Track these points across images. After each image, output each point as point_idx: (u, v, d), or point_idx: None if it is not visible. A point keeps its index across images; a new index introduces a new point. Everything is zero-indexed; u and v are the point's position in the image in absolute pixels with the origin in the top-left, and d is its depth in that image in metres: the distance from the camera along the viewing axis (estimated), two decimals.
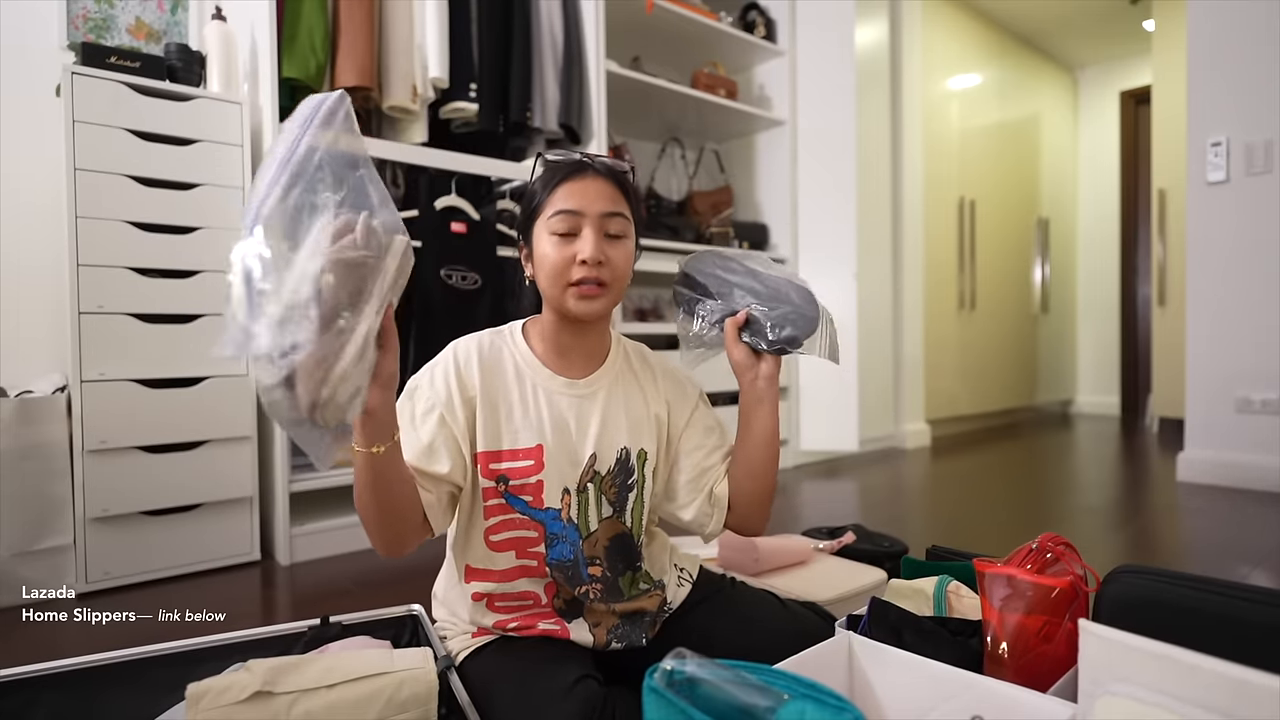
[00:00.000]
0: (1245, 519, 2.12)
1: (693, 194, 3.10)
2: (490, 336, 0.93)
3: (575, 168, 0.87)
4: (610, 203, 0.86)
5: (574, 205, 0.84)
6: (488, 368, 0.89)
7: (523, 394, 0.89)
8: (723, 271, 0.97)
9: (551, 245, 0.85)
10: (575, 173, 0.87)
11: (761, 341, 0.91)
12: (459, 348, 0.90)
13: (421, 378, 0.89)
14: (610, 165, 0.89)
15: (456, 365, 0.88)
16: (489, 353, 0.90)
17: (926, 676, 0.72)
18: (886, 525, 1.95)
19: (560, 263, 0.84)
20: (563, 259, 0.84)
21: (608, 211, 0.85)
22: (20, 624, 1.42)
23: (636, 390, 0.95)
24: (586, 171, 0.87)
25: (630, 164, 0.94)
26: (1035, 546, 0.84)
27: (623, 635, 0.91)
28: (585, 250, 0.83)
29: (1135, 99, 4.78)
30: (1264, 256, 2.45)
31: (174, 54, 1.80)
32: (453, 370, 0.87)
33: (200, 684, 0.73)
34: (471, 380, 0.87)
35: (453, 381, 0.86)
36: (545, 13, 2.26)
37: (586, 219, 0.84)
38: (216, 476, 1.74)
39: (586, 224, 0.84)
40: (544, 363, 0.91)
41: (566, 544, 0.87)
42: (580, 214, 0.84)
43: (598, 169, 0.87)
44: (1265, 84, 2.44)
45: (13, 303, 1.87)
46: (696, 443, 0.95)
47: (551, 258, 0.85)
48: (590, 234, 0.84)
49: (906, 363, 3.62)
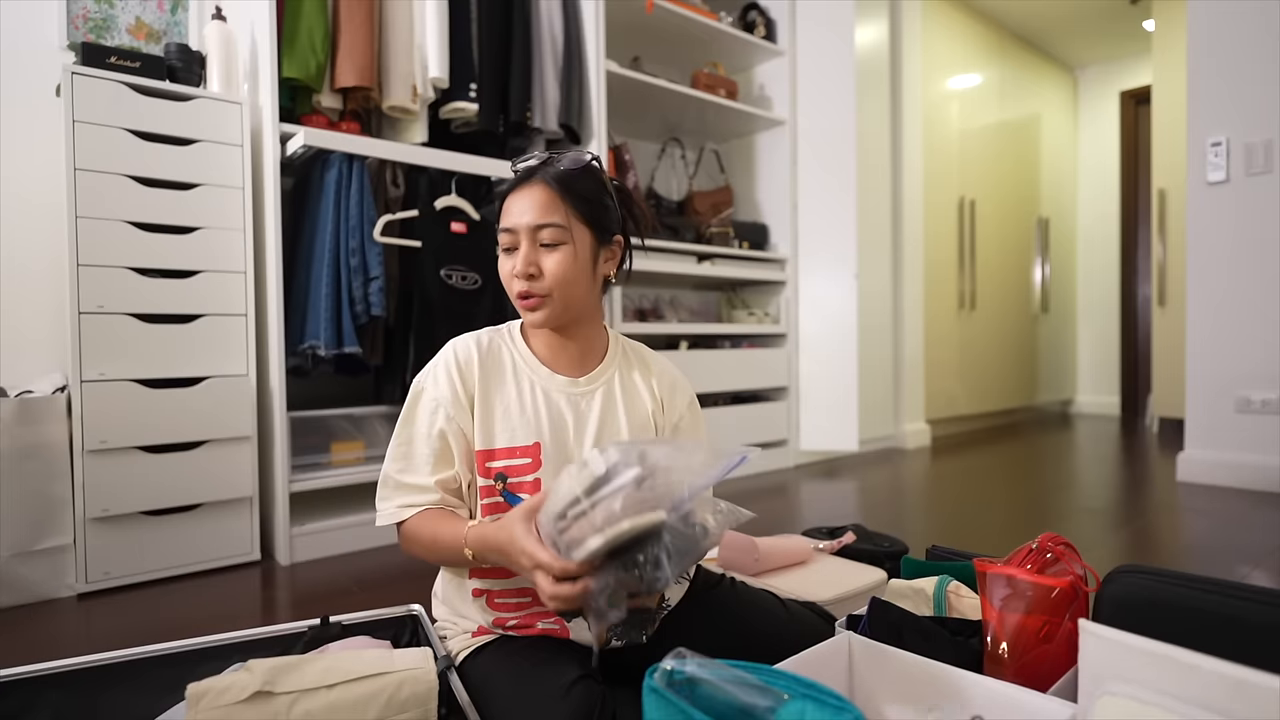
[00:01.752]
0: (1245, 519, 2.12)
1: (693, 194, 3.10)
2: (489, 335, 0.94)
3: (519, 179, 0.90)
4: (541, 213, 0.87)
5: (508, 222, 0.89)
6: (487, 366, 0.90)
7: (520, 392, 0.90)
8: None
9: (501, 259, 0.90)
10: (518, 184, 0.90)
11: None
12: (458, 345, 0.92)
13: (425, 379, 0.90)
14: (556, 167, 0.88)
15: (457, 362, 0.90)
16: (488, 351, 0.92)
17: (926, 676, 0.72)
18: (886, 525, 1.95)
19: (505, 277, 0.90)
20: (506, 274, 0.90)
21: (536, 224, 0.87)
22: (20, 624, 1.42)
23: (634, 388, 0.96)
24: (529, 181, 0.89)
25: (589, 155, 0.92)
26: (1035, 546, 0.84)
27: (623, 633, 0.91)
28: (516, 265, 0.88)
29: (1135, 99, 4.78)
30: (1264, 256, 2.45)
31: (174, 54, 1.80)
32: (454, 367, 0.89)
33: (200, 684, 0.73)
34: (472, 377, 0.89)
35: (455, 378, 0.88)
36: (545, 13, 2.26)
37: (520, 233, 0.88)
38: (216, 476, 1.74)
39: (521, 238, 0.88)
40: (542, 361, 0.93)
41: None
42: (513, 230, 0.88)
43: (543, 175, 0.88)
44: (1265, 84, 2.44)
45: (13, 303, 1.87)
46: None
47: (501, 271, 0.91)
48: (523, 247, 0.87)
49: (906, 363, 3.62)
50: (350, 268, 1.85)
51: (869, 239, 3.37)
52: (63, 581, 1.56)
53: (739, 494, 2.58)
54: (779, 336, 3.13)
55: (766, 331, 3.07)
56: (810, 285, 3.11)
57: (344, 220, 1.86)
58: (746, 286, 3.28)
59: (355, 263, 1.85)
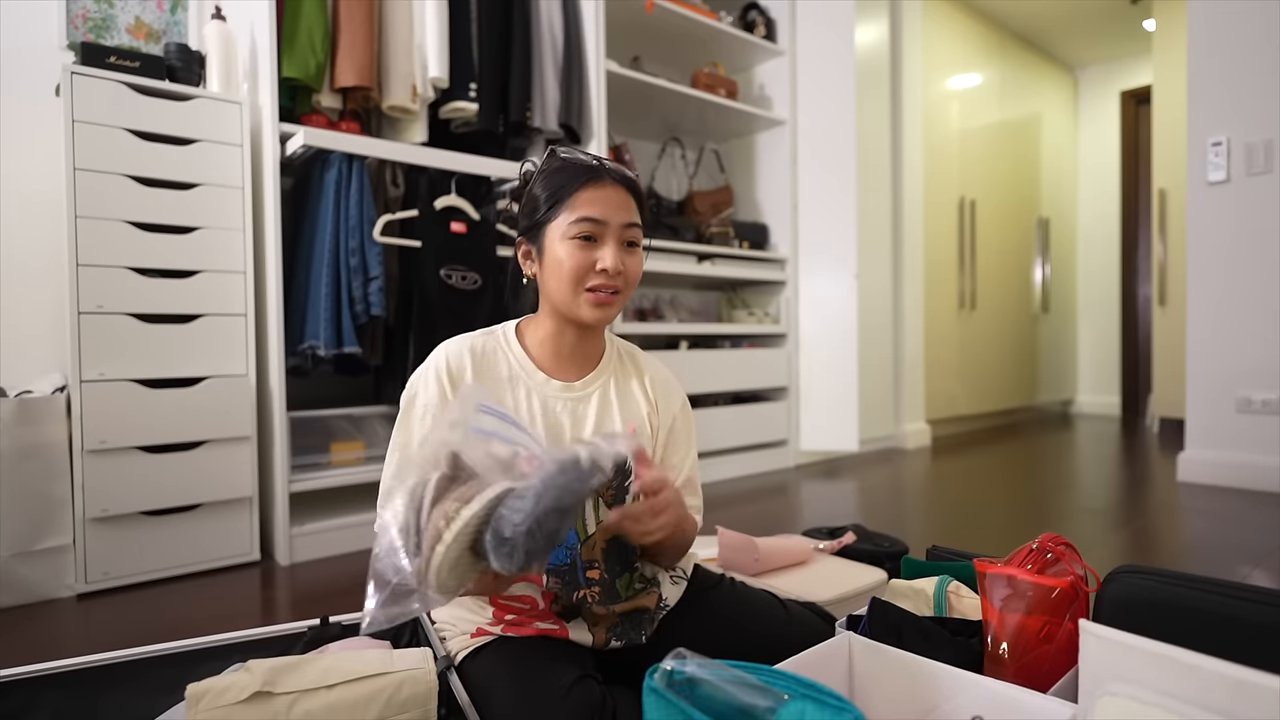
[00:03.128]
0: (1245, 519, 2.12)
1: (693, 194, 3.10)
2: (482, 338, 0.93)
3: (595, 173, 0.88)
4: (630, 213, 0.88)
5: (598, 213, 0.86)
6: (480, 371, 0.89)
7: (515, 398, 0.89)
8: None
9: (569, 249, 0.86)
10: (595, 179, 0.87)
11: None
12: (450, 349, 0.90)
13: (416, 383, 0.89)
14: (624, 174, 0.90)
15: (448, 366, 0.88)
16: (482, 355, 0.90)
17: (926, 676, 0.72)
18: (886, 525, 1.95)
19: (579, 268, 0.86)
20: (582, 265, 0.86)
21: (628, 223, 0.88)
22: (20, 624, 1.42)
23: (629, 391, 0.95)
24: (604, 178, 0.88)
25: (635, 173, 0.95)
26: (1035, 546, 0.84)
27: (622, 634, 0.90)
28: (607, 260, 0.85)
29: (1135, 99, 4.78)
30: (1264, 256, 2.45)
31: (174, 54, 1.80)
32: (445, 371, 0.87)
33: (200, 684, 0.73)
34: (464, 381, 0.87)
35: (445, 382, 0.87)
36: (545, 12, 2.26)
37: (609, 228, 0.86)
38: (216, 476, 1.74)
39: (609, 233, 0.86)
40: (538, 365, 0.91)
41: (563, 548, 0.87)
42: (604, 222, 0.86)
43: (614, 176, 0.88)
44: (1265, 84, 2.44)
45: (13, 303, 1.87)
46: (661, 458, 0.96)
47: (569, 263, 0.86)
48: (612, 243, 0.86)
49: (906, 363, 3.62)
50: (350, 267, 1.85)
51: (869, 239, 3.37)
52: (62, 582, 1.56)
53: (739, 494, 2.59)
54: (779, 336, 3.13)
55: (766, 331, 3.07)
56: (810, 285, 3.11)
57: (344, 220, 1.86)
58: (746, 286, 3.28)
59: (355, 262, 1.85)
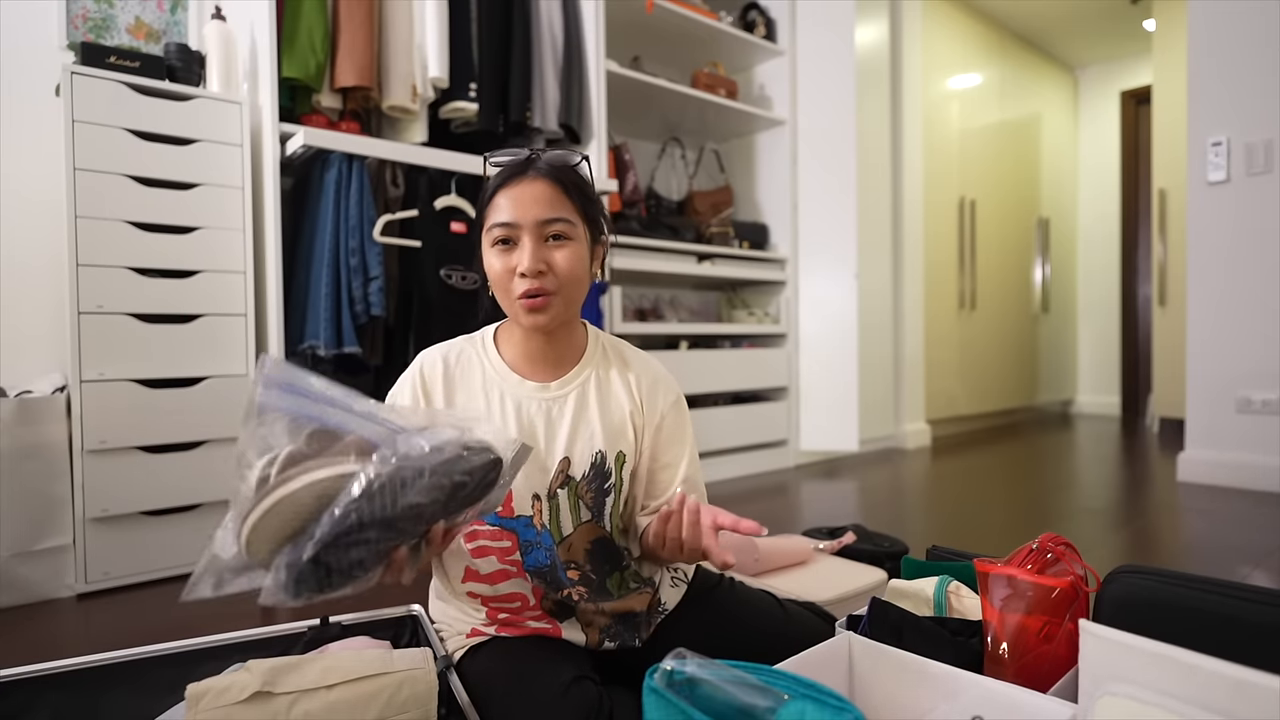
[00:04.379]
0: (1245, 519, 2.12)
1: (693, 194, 3.10)
2: (461, 345, 0.92)
3: (513, 172, 0.84)
4: (548, 207, 0.83)
5: (509, 216, 0.83)
6: (452, 379, 0.89)
7: (489, 403, 0.88)
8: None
9: (494, 257, 0.84)
10: (512, 178, 0.84)
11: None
12: (425, 359, 0.90)
13: (394, 393, 0.90)
14: (551, 162, 0.85)
15: (421, 377, 0.88)
16: (455, 364, 0.90)
17: (926, 676, 0.72)
18: (886, 525, 1.95)
19: (502, 275, 0.84)
20: (504, 271, 0.83)
21: (544, 218, 0.82)
22: (20, 624, 1.42)
23: (612, 390, 0.92)
24: (525, 175, 0.84)
25: (581, 155, 0.89)
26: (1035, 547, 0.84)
27: (615, 635, 0.90)
28: (523, 262, 0.82)
29: (1135, 99, 4.78)
30: (1264, 256, 2.45)
31: (174, 54, 1.79)
32: (418, 382, 0.88)
33: (200, 684, 0.73)
34: (435, 390, 0.88)
35: (418, 391, 0.87)
36: (545, 12, 2.26)
37: (523, 228, 0.82)
38: (216, 476, 1.74)
39: (524, 233, 0.82)
40: (512, 368, 0.90)
41: (542, 550, 0.87)
42: (516, 224, 0.82)
43: (539, 169, 0.84)
44: (1265, 84, 2.44)
45: (13, 303, 1.87)
46: (653, 455, 0.94)
47: (495, 270, 0.84)
48: (528, 243, 0.82)
49: (906, 363, 3.62)
50: (350, 267, 1.85)
51: (869, 239, 3.37)
52: (62, 581, 1.56)
53: (739, 494, 2.58)
54: (779, 336, 3.13)
55: (766, 331, 3.07)
56: (810, 285, 3.11)
57: (344, 220, 1.86)
58: (746, 286, 3.28)
59: (355, 262, 1.85)
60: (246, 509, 0.61)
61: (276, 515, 0.60)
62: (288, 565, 0.59)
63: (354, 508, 0.59)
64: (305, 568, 0.59)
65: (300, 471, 0.61)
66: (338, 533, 0.59)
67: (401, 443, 0.62)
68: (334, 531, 0.59)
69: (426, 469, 0.61)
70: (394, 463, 0.60)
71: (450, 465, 0.62)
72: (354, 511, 0.59)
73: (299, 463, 0.62)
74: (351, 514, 0.59)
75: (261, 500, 0.60)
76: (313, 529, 0.59)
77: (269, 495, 0.60)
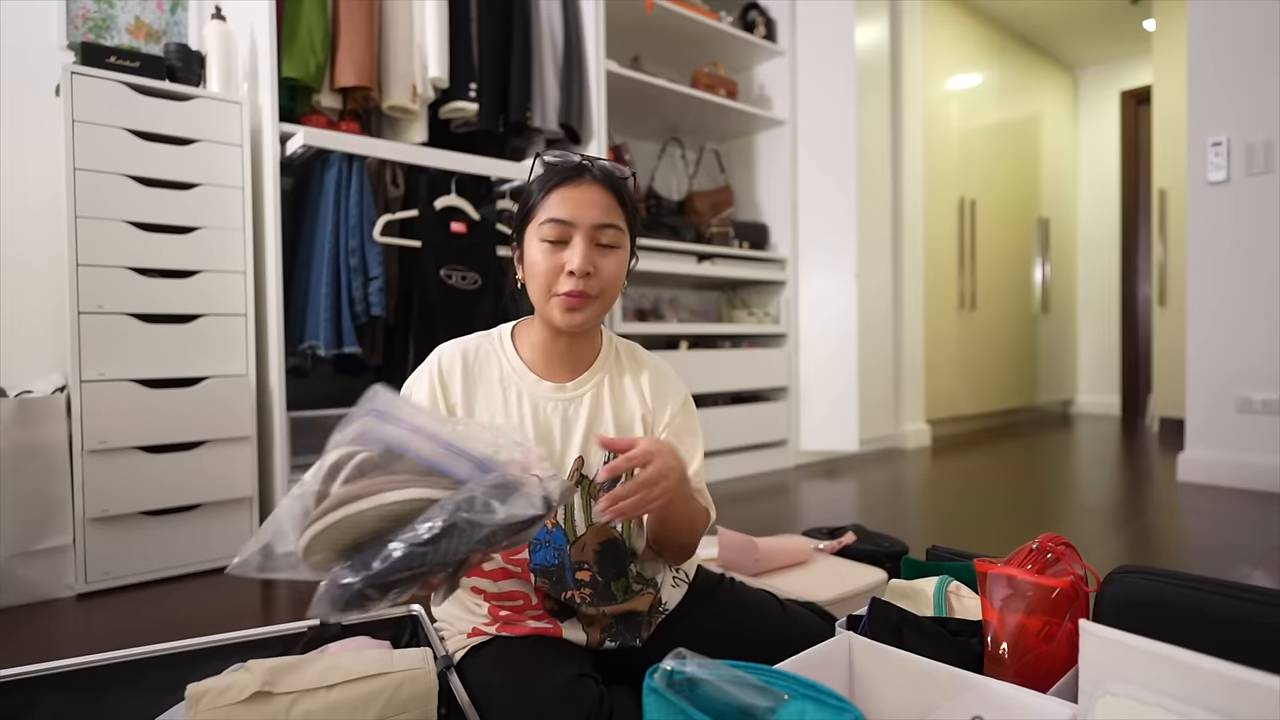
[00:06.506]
0: (1245, 519, 2.12)
1: (693, 194, 3.10)
2: (478, 341, 0.92)
3: (571, 173, 0.86)
4: (604, 213, 0.85)
5: (566, 214, 0.84)
6: (471, 375, 0.89)
7: (506, 401, 0.88)
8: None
9: (541, 253, 0.85)
10: (571, 178, 0.85)
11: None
12: (443, 354, 0.90)
13: (410, 386, 0.89)
14: (609, 171, 0.88)
15: (440, 372, 0.88)
16: (474, 359, 0.90)
17: (926, 676, 0.72)
18: (886, 525, 1.95)
19: (548, 271, 0.84)
20: (551, 268, 0.84)
21: (600, 223, 0.85)
22: (20, 624, 1.42)
23: (625, 391, 0.94)
24: (583, 178, 0.86)
25: (631, 170, 0.93)
26: (1035, 547, 0.84)
27: (616, 634, 0.90)
28: (574, 261, 0.83)
29: (1135, 99, 4.78)
30: (1264, 256, 2.45)
31: (174, 54, 1.79)
32: (436, 377, 0.88)
33: (200, 684, 0.73)
34: (453, 386, 0.88)
35: (436, 386, 0.87)
36: (545, 12, 2.26)
37: (578, 229, 0.84)
38: (216, 476, 1.74)
39: (577, 234, 0.84)
40: (530, 368, 0.91)
41: (550, 549, 0.87)
42: (572, 224, 0.84)
43: (595, 175, 0.86)
44: (1265, 84, 2.44)
45: (13, 303, 1.87)
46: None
47: (540, 265, 0.85)
48: (580, 244, 0.83)
49: (906, 363, 3.62)
50: (350, 267, 1.85)
51: (869, 239, 3.37)
52: (62, 582, 1.56)
53: (739, 494, 2.59)
54: (779, 336, 3.13)
55: (766, 331, 3.07)
56: (810, 285, 3.11)
57: (344, 220, 1.86)
58: (746, 286, 3.28)
59: (355, 262, 1.85)
60: (311, 518, 0.64)
61: (340, 529, 0.63)
62: (341, 586, 0.62)
63: (419, 553, 0.61)
64: (355, 596, 0.62)
65: (370, 490, 0.64)
66: (395, 569, 0.61)
67: (475, 502, 0.64)
68: (392, 569, 0.61)
69: (489, 529, 0.63)
70: (462, 519, 0.62)
71: (512, 526, 0.64)
72: (417, 557, 0.61)
73: (368, 474, 0.65)
74: (415, 559, 0.61)
75: (327, 513, 0.63)
76: (370, 559, 0.62)
77: (335, 510, 0.63)
